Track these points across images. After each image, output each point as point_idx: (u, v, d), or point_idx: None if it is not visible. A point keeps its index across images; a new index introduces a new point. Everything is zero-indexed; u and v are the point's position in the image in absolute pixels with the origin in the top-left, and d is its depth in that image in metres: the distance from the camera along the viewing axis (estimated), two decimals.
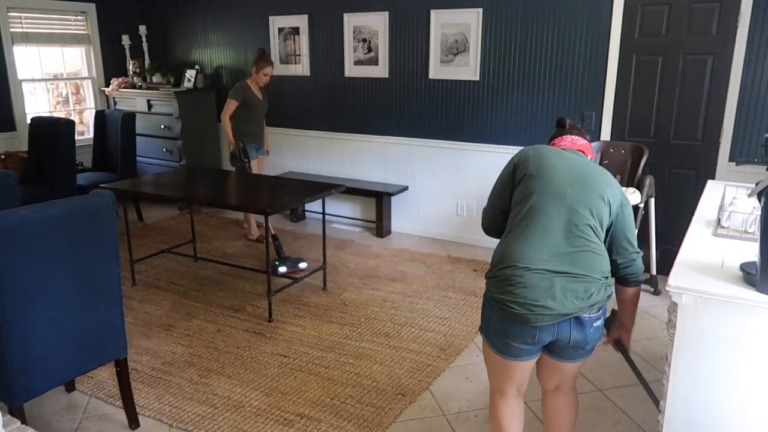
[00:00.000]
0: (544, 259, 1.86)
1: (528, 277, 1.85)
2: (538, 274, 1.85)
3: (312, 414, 2.79)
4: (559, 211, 1.89)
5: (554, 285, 1.84)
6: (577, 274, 1.85)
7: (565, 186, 1.91)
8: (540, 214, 1.90)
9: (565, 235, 1.88)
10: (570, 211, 1.88)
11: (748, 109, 3.90)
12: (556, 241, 1.87)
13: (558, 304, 1.84)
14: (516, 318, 1.88)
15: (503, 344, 1.98)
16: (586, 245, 1.88)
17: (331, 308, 3.91)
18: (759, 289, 1.73)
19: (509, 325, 1.92)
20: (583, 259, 1.87)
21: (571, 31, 4.38)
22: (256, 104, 5.05)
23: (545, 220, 1.89)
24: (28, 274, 2.15)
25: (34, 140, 5.19)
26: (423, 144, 5.22)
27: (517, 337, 1.93)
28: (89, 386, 3.01)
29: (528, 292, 1.84)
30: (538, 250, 1.87)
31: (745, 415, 1.83)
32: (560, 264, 1.85)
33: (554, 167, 1.95)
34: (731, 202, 2.47)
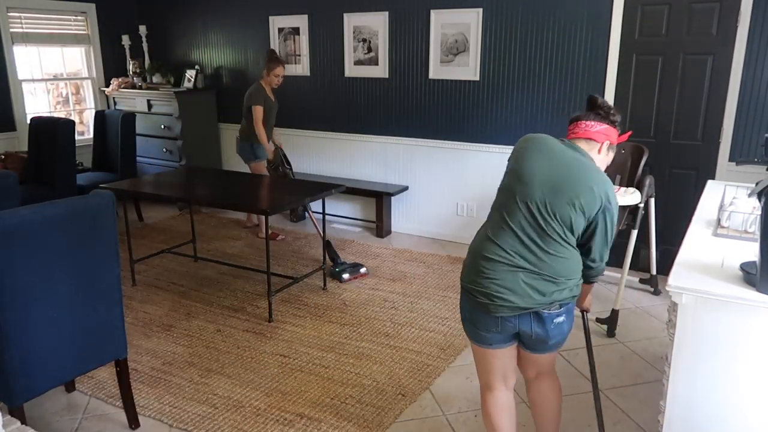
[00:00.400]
0: (510, 254, 1.92)
1: (494, 269, 1.93)
2: (504, 267, 1.92)
3: (312, 414, 2.79)
4: (528, 213, 1.92)
5: (517, 279, 1.90)
6: (539, 273, 1.91)
7: (537, 188, 1.92)
8: (511, 211, 1.95)
9: (532, 236, 1.92)
10: (537, 213, 1.91)
11: (748, 109, 3.90)
12: (523, 239, 1.92)
13: (517, 297, 1.91)
14: (480, 307, 1.97)
15: (474, 332, 2.06)
16: (551, 248, 1.92)
17: (331, 308, 3.91)
18: (759, 289, 1.73)
19: (476, 313, 2.00)
20: (548, 262, 1.92)
21: (571, 31, 4.38)
22: (270, 106, 5.04)
23: (515, 218, 1.94)
24: (28, 274, 2.15)
25: (34, 140, 5.19)
26: (423, 144, 5.22)
27: (483, 326, 2.01)
28: (89, 386, 3.01)
29: (491, 283, 1.92)
30: (506, 245, 1.93)
31: (745, 415, 1.83)
32: (525, 261, 1.91)
33: (535, 167, 1.95)
34: (731, 202, 2.47)
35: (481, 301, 1.95)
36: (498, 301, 1.92)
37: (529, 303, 1.91)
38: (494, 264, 1.93)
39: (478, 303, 1.96)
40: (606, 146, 2.08)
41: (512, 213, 1.95)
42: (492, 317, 1.96)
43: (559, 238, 1.91)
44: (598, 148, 2.07)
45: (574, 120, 2.12)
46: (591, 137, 2.06)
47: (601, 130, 2.06)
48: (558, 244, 1.92)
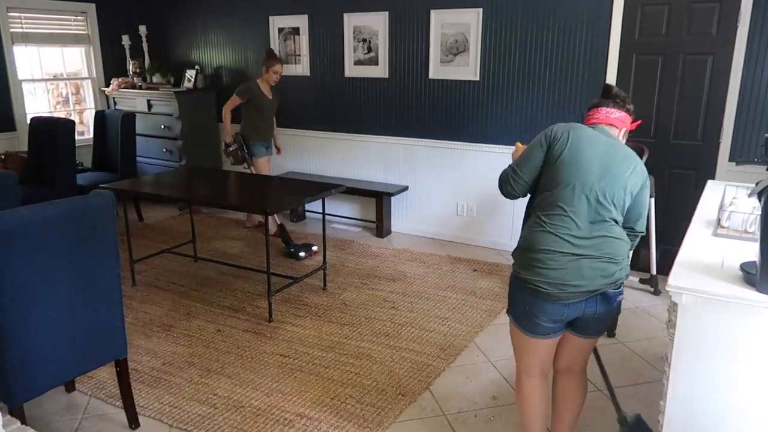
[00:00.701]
0: (571, 244, 2.01)
1: (558, 260, 2.01)
2: (567, 257, 2.00)
3: (312, 414, 2.79)
4: (587, 202, 2.02)
5: (582, 266, 2.00)
6: (600, 257, 2.02)
7: (593, 179, 2.02)
8: (569, 203, 2.03)
9: (590, 223, 2.02)
10: (596, 203, 2.02)
11: (748, 109, 3.90)
12: (582, 228, 2.02)
13: (586, 282, 2.00)
14: (546, 297, 2.02)
15: (532, 324, 2.10)
16: (608, 232, 2.04)
17: (331, 308, 3.91)
18: (759, 289, 1.73)
19: (540, 303, 2.05)
20: (607, 244, 2.03)
21: (571, 31, 4.38)
22: (264, 104, 5.07)
23: (573, 209, 2.02)
24: (28, 274, 2.15)
25: (34, 140, 5.19)
26: (423, 144, 5.22)
27: (546, 316, 2.06)
28: (89, 386, 3.02)
29: (558, 273, 2.00)
30: (567, 236, 2.02)
31: (745, 415, 1.83)
32: (586, 248, 2.01)
33: (587, 158, 2.04)
34: (731, 202, 2.47)
35: (549, 291, 2.01)
36: (568, 289, 2.00)
37: (597, 285, 2.01)
38: (557, 255, 2.01)
39: (545, 294, 2.02)
40: (623, 133, 2.20)
41: (571, 203, 2.03)
42: (559, 305, 2.03)
43: (612, 221, 2.04)
44: (617, 134, 2.18)
45: (594, 106, 2.22)
46: (612, 123, 2.17)
47: (619, 117, 2.18)
48: (613, 227, 2.05)
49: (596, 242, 2.01)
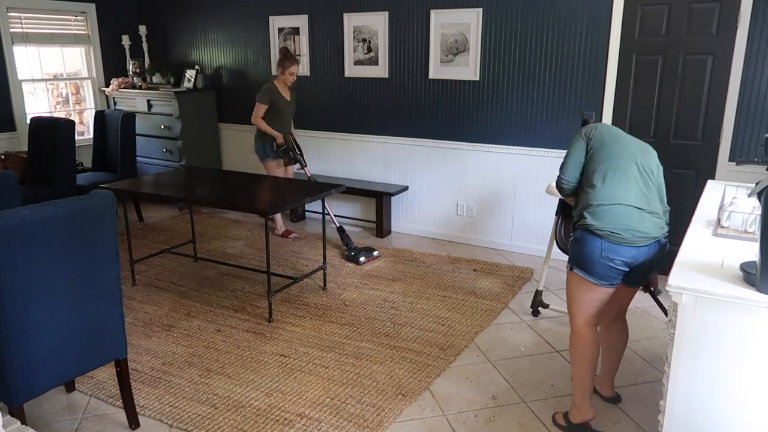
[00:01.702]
0: (633, 198, 2.42)
1: (627, 211, 2.40)
2: (632, 209, 2.40)
3: (312, 414, 2.79)
4: (635, 167, 2.45)
5: (644, 217, 2.40)
6: (652, 211, 2.44)
7: (636, 151, 2.50)
8: (623, 168, 2.45)
9: (640, 184, 2.44)
10: (641, 168, 2.46)
11: (748, 109, 3.90)
12: (636, 187, 2.43)
13: (650, 229, 2.40)
14: (622, 241, 2.38)
15: (607, 269, 2.43)
16: (651, 192, 2.48)
17: (331, 308, 3.91)
18: (759, 289, 1.73)
19: (617, 248, 2.39)
20: (653, 201, 2.46)
21: (571, 31, 4.38)
22: (283, 106, 4.99)
23: (628, 172, 2.44)
24: (28, 274, 2.15)
25: (34, 140, 5.19)
26: (423, 144, 5.22)
27: (620, 258, 2.41)
28: (89, 386, 3.01)
29: (629, 221, 2.38)
30: (628, 193, 2.42)
31: (745, 415, 1.83)
32: (643, 203, 2.42)
33: (624, 137, 2.55)
34: (731, 202, 2.47)
35: (623, 236, 2.37)
36: (638, 233, 2.38)
37: (656, 233, 2.42)
38: (624, 207, 2.40)
39: (620, 239, 2.37)
40: None
41: (625, 169, 2.45)
42: (632, 248, 2.39)
43: (652, 185, 2.48)
44: None
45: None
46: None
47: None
48: (654, 193, 2.49)
49: (648, 201, 2.43)
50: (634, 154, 2.48)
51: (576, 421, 2.65)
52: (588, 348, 2.58)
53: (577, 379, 2.63)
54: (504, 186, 4.89)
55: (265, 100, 4.90)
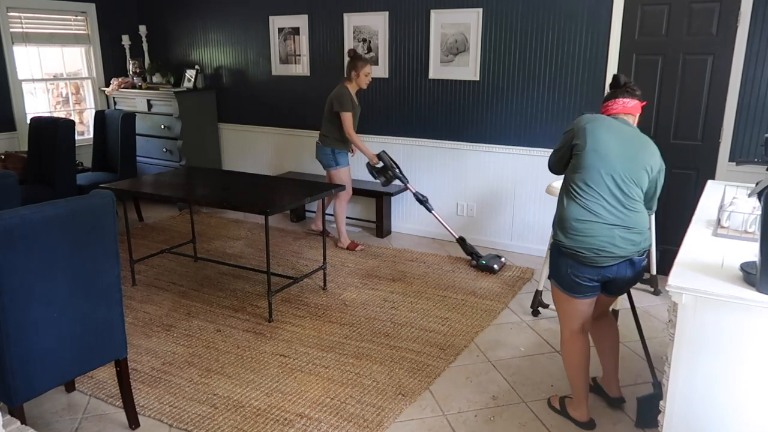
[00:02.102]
0: (604, 216, 2.34)
1: (595, 229, 2.34)
2: (602, 226, 2.34)
3: (312, 414, 2.79)
4: (613, 181, 2.34)
5: (614, 235, 2.33)
6: (628, 226, 2.35)
7: (616, 161, 2.34)
8: (598, 182, 2.35)
9: (617, 199, 2.35)
10: (620, 182, 2.34)
11: (748, 109, 3.90)
12: (611, 203, 2.35)
13: (618, 249, 2.34)
14: (587, 261, 2.37)
15: (575, 285, 2.45)
16: (633, 206, 2.37)
17: (331, 308, 3.91)
18: (759, 289, 1.73)
19: (581, 267, 2.40)
20: (632, 217, 2.36)
21: (571, 31, 4.38)
22: (357, 111, 4.73)
23: (602, 187, 2.35)
24: (28, 274, 2.15)
25: (34, 140, 5.19)
26: (423, 144, 5.22)
27: (586, 276, 2.40)
28: (89, 386, 3.01)
29: (595, 240, 2.34)
30: (600, 209, 2.35)
31: (745, 415, 1.83)
32: (617, 220, 2.34)
33: (610, 144, 2.35)
34: (731, 202, 2.47)
35: (587, 255, 2.35)
36: (603, 254, 2.34)
37: (627, 252, 2.35)
38: (593, 224, 2.34)
39: (584, 258, 2.36)
40: (637, 118, 2.53)
41: (599, 184, 2.35)
42: (597, 268, 2.38)
43: (636, 197, 2.38)
44: (634, 121, 2.51)
45: (611, 98, 2.51)
46: (629, 112, 2.49)
47: (635, 105, 2.50)
48: (637, 203, 2.38)
49: (624, 215, 2.34)
50: (614, 164, 2.33)
51: (571, 415, 2.73)
52: (574, 354, 2.62)
53: (570, 382, 2.72)
54: (504, 186, 4.89)
55: (349, 108, 4.58)
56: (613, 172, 2.33)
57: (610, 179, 2.34)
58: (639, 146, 2.40)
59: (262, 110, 6.11)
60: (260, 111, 6.12)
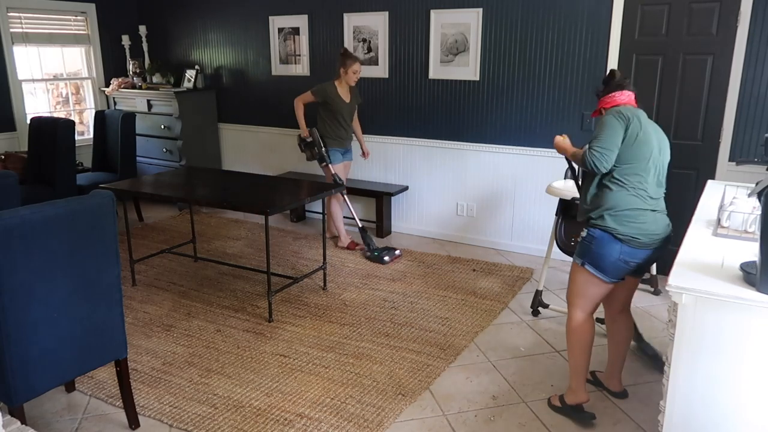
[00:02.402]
0: (649, 203, 2.50)
1: (646, 215, 2.49)
2: (650, 213, 2.50)
3: (312, 414, 2.79)
4: (654, 171, 2.52)
5: (657, 219, 2.52)
6: (662, 210, 2.56)
7: (656, 153, 2.52)
8: (645, 173, 2.49)
9: (656, 187, 2.54)
10: (659, 171, 2.54)
11: (748, 109, 3.90)
12: (652, 191, 2.52)
13: (662, 230, 2.53)
14: (642, 246, 2.49)
15: (621, 270, 2.55)
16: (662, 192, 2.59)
17: (331, 308, 3.91)
18: (759, 289, 1.73)
19: (635, 252, 2.50)
20: (662, 202, 2.58)
21: (571, 31, 4.38)
22: (339, 106, 4.74)
23: (647, 177, 2.50)
24: (28, 274, 2.15)
25: (34, 140, 5.19)
26: (423, 144, 5.22)
27: (636, 262, 2.53)
28: (89, 386, 3.01)
29: (650, 226, 2.48)
30: (646, 197, 2.50)
31: (746, 415, 1.83)
32: (656, 205, 2.53)
33: (651, 137, 2.50)
34: (731, 202, 2.47)
35: (643, 241, 2.47)
36: (654, 237, 2.50)
37: (666, 232, 2.55)
38: (645, 212, 2.49)
39: (640, 244, 2.48)
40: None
41: (646, 173, 2.49)
42: (648, 250, 2.52)
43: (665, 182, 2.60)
44: None
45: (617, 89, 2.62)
46: (634, 104, 2.63)
47: (634, 95, 2.64)
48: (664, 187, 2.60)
49: (659, 201, 2.55)
50: (655, 154, 2.49)
51: (571, 402, 2.76)
52: (585, 336, 2.70)
53: (572, 364, 2.75)
54: (504, 186, 4.89)
55: (315, 93, 4.73)
56: (654, 163, 2.50)
57: (653, 169, 2.50)
58: (662, 136, 2.58)
59: (262, 110, 6.11)
60: (260, 111, 6.12)
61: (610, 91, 2.62)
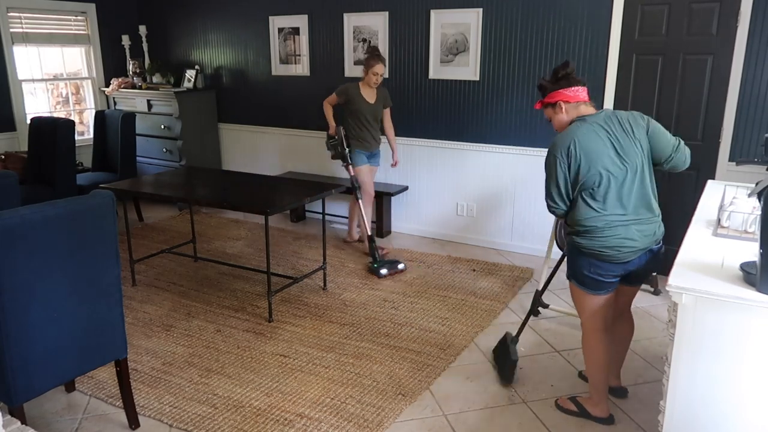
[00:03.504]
0: (618, 215, 2.38)
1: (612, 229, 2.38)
2: (618, 225, 2.37)
3: (312, 414, 2.79)
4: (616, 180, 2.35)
5: (630, 231, 2.38)
6: (640, 218, 2.40)
7: (608, 161, 2.34)
8: (602, 195, 2.37)
9: (627, 194, 2.38)
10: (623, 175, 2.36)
11: (748, 109, 3.90)
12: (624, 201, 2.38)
13: (638, 242, 2.40)
14: (611, 259, 2.41)
15: (598, 283, 2.49)
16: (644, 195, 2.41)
17: (331, 308, 3.91)
18: (759, 289, 1.73)
19: (604, 265, 2.44)
20: (643, 208, 2.41)
21: (571, 31, 4.38)
22: (363, 108, 4.62)
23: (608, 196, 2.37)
24: (28, 274, 2.15)
25: (34, 140, 5.19)
26: (423, 144, 5.22)
27: (610, 274, 2.46)
28: (89, 386, 3.01)
29: (614, 239, 2.38)
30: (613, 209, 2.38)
31: (746, 415, 1.83)
32: (634, 213, 2.39)
33: (596, 153, 2.35)
34: (731, 202, 2.47)
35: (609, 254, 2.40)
36: (624, 250, 2.40)
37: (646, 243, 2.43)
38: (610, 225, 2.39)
39: (606, 257, 2.41)
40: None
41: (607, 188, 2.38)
42: (618, 264, 2.43)
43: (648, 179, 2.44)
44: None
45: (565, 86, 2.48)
46: (587, 100, 2.53)
47: (586, 93, 2.53)
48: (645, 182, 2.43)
49: (635, 208, 2.39)
50: (607, 165, 2.34)
51: (592, 413, 2.73)
52: (599, 354, 2.63)
53: (589, 376, 2.74)
54: (504, 186, 4.89)
55: (339, 93, 4.68)
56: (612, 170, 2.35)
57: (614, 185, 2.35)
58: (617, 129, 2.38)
59: (262, 110, 6.11)
60: (260, 111, 6.13)
61: (559, 88, 2.47)
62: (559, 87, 2.47)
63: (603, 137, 2.37)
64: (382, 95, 4.75)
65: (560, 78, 2.49)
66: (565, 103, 2.47)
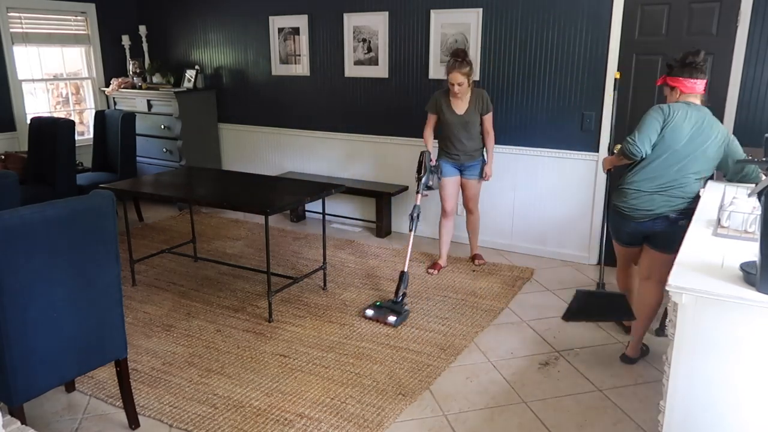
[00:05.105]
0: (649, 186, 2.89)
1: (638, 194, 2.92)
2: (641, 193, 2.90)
3: (312, 414, 2.79)
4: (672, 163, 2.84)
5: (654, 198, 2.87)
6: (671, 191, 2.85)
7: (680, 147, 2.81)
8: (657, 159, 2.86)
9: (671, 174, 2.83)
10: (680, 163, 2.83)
11: (748, 109, 3.89)
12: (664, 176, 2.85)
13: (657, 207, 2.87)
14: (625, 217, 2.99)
15: (615, 231, 3.15)
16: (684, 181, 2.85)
17: (331, 308, 3.91)
18: (759, 289, 1.73)
19: (621, 220, 3.04)
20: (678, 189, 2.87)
21: (571, 31, 4.38)
22: (447, 118, 4.27)
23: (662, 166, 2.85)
24: (28, 274, 2.15)
25: (34, 140, 5.19)
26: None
27: (624, 230, 3.06)
28: (89, 386, 3.01)
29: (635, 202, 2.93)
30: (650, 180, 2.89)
31: (745, 415, 1.83)
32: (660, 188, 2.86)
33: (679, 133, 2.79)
34: (731, 202, 2.47)
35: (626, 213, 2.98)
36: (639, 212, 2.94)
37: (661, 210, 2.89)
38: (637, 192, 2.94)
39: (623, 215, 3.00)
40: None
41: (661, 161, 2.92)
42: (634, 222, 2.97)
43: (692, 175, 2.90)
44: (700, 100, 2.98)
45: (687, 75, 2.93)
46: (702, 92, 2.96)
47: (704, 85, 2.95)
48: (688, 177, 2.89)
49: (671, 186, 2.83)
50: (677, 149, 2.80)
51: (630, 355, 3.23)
52: (627, 279, 3.34)
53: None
54: (504, 186, 4.89)
55: (429, 108, 4.37)
56: (675, 156, 2.80)
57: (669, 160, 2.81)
58: (704, 129, 2.79)
59: (262, 110, 6.11)
60: (260, 111, 6.12)
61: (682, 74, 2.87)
62: (683, 74, 2.85)
63: (688, 127, 2.80)
64: (476, 103, 4.24)
65: (687, 64, 2.84)
66: (680, 92, 2.88)
